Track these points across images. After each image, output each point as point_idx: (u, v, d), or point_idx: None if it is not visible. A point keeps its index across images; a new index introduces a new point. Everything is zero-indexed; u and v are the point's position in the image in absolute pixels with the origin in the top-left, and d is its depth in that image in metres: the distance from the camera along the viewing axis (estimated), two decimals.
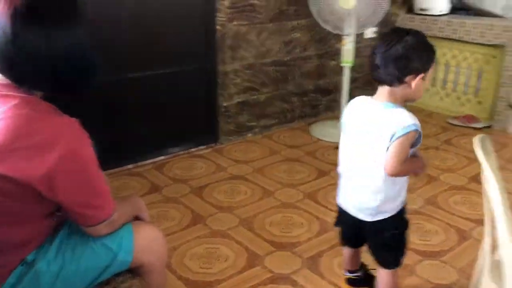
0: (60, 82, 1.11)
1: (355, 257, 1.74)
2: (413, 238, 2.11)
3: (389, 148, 1.34)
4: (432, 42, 1.40)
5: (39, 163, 1.06)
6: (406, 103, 1.42)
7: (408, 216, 1.56)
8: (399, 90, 1.37)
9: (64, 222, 1.30)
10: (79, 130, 1.13)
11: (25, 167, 1.06)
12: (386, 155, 1.35)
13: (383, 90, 1.40)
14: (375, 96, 1.43)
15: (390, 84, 1.36)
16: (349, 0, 3.01)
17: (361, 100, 1.48)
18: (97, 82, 1.19)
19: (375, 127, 1.38)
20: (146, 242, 1.32)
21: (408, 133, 1.33)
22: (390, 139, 1.34)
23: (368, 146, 1.40)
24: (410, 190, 2.64)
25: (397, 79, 1.34)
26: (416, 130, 1.34)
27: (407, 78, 1.34)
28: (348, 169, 1.51)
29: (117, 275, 1.32)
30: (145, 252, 1.31)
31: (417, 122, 1.35)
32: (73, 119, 1.14)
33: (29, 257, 1.21)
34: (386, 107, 1.38)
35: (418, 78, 1.34)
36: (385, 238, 1.52)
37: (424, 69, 1.35)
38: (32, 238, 1.21)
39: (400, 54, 1.32)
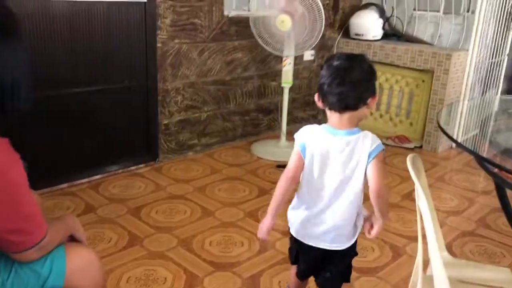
0: None
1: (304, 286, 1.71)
2: None
3: (370, 169, 1.36)
4: None
5: None
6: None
7: None
8: (359, 112, 1.37)
9: None
10: (7, 151, 1.07)
11: None
12: (370, 177, 1.36)
13: (343, 117, 1.37)
14: (333, 124, 1.40)
15: (356, 108, 1.36)
16: (285, 23, 3.10)
17: (320, 131, 1.42)
18: (26, 104, 1.13)
19: (351, 156, 1.37)
20: (79, 265, 1.26)
21: (381, 150, 1.37)
22: (367, 162, 1.36)
23: (345, 175, 1.39)
24: None
25: (363, 102, 1.36)
26: (383, 149, 1.39)
27: (369, 99, 1.37)
28: (323, 198, 1.44)
29: None
30: (79, 275, 1.25)
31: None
32: (3, 140, 1.07)
33: None
34: (353, 134, 1.39)
35: (376, 97, 1.40)
36: (347, 264, 1.54)
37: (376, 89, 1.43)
38: None
39: (364, 77, 1.35)
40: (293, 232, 1.52)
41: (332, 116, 1.38)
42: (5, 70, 1.05)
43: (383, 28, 4.06)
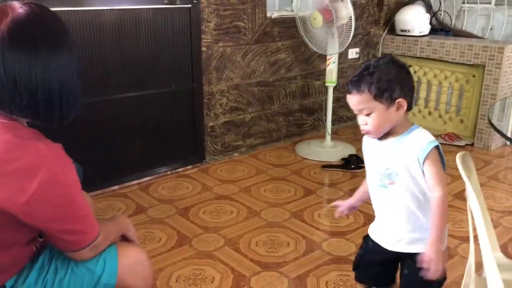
0: (38, 110, 1.09)
1: None
2: None
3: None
4: (413, 61, 1.42)
5: (20, 190, 1.04)
6: None
7: None
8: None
9: (45, 245, 1.28)
10: (61, 156, 1.11)
11: (5, 194, 1.04)
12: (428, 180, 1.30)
13: None
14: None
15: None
16: (316, 20, 3.09)
17: None
18: (74, 113, 1.16)
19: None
20: (130, 264, 1.30)
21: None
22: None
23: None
24: None
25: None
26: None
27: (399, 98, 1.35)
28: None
29: None
30: (130, 274, 1.29)
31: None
32: (56, 145, 1.12)
33: (8, 284, 1.18)
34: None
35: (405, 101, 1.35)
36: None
37: None
38: (11, 264, 1.19)
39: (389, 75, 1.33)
40: None
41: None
42: (53, 80, 1.08)
43: (430, 23, 3.94)
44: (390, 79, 1.28)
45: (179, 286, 1.96)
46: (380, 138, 1.37)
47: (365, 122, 1.34)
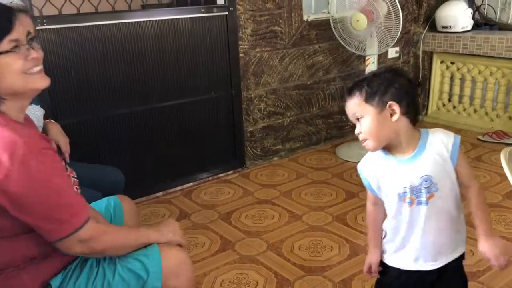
0: None
1: None
2: None
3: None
4: (456, 58, 1.38)
5: None
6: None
7: None
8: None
9: None
10: (33, 142, 1.12)
11: None
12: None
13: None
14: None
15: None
16: (360, 22, 3.04)
17: None
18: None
19: None
20: (174, 265, 1.31)
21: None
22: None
23: None
24: None
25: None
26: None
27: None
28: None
29: None
30: (174, 276, 1.31)
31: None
32: (32, 131, 1.15)
33: (54, 282, 1.23)
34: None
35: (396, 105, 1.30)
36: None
37: None
38: (42, 255, 1.22)
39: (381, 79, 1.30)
40: None
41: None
42: None
43: (473, 18, 3.81)
44: (382, 83, 1.23)
45: None
46: (391, 154, 1.27)
47: (359, 131, 1.26)
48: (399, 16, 2.99)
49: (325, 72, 3.54)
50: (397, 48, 3.86)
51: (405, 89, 1.23)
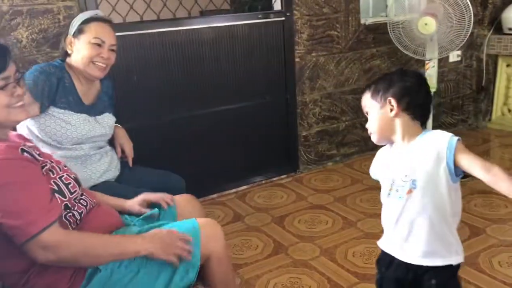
0: None
1: None
2: None
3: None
4: None
5: None
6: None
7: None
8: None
9: None
10: (10, 152, 1.23)
11: None
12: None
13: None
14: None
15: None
16: (428, 26, 2.94)
17: None
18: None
19: None
20: (209, 232, 1.47)
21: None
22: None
23: None
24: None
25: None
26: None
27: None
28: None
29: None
30: (210, 242, 1.46)
31: None
32: (14, 142, 1.31)
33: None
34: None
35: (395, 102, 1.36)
36: None
37: None
38: None
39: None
40: None
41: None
42: None
43: None
44: (387, 81, 1.32)
45: None
46: (391, 145, 1.38)
47: (368, 125, 1.38)
48: (466, 18, 2.87)
49: None
50: (459, 52, 3.72)
51: (408, 88, 1.30)
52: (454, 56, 3.72)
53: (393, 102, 1.29)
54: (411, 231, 1.32)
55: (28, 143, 1.38)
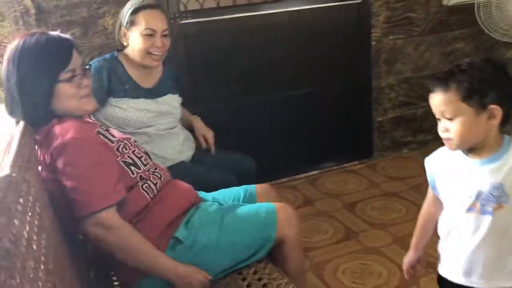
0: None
1: None
2: None
3: None
4: None
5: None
6: None
7: None
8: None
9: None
10: (80, 130, 1.33)
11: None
12: None
13: None
14: None
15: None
16: None
17: None
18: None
19: None
20: (285, 217, 1.51)
21: None
22: None
23: None
24: None
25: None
26: None
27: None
28: None
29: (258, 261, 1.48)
30: (285, 226, 1.48)
31: None
32: (92, 123, 1.48)
33: (179, 234, 1.42)
34: None
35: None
36: None
37: None
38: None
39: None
40: None
41: None
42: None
43: None
44: (484, 80, 1.09)
45: (346, 278, 2.00)
46: (467, 154, 1.16)
47: (446, 129, 1.14)
48: None
49: None
50: None
51: (509, 90, 1.10)
52: None
53: (497, 111, 1.08)
54: (496, 252, 1.16)
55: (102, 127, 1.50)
